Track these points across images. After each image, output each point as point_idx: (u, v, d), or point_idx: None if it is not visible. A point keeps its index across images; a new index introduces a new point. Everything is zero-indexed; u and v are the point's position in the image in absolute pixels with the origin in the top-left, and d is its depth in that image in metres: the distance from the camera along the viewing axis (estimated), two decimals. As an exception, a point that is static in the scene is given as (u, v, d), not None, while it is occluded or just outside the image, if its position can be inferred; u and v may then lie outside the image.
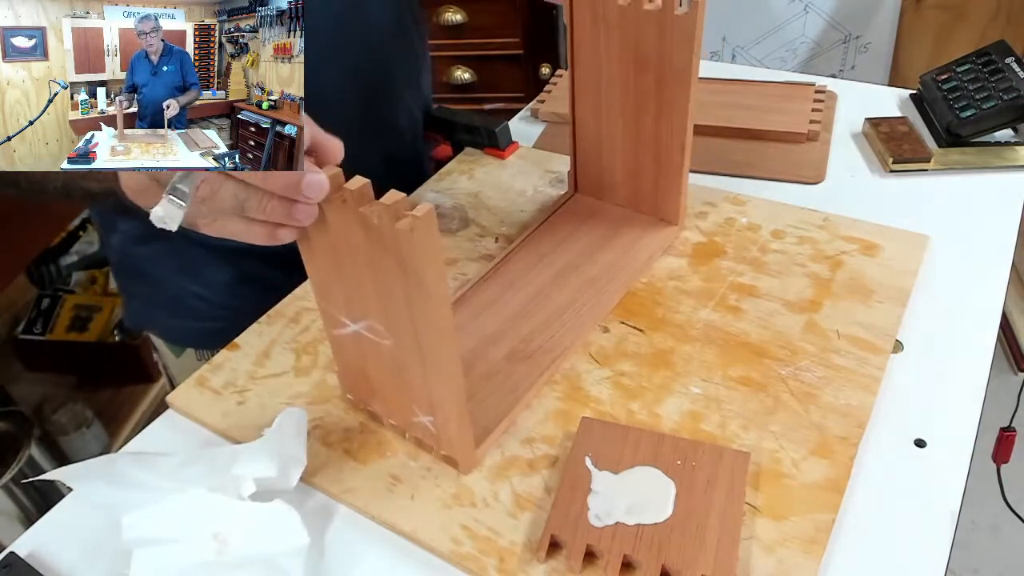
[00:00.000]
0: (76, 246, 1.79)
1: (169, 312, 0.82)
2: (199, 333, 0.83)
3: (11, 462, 1.39)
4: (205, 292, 0.80)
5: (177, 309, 0.81)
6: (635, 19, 0.66)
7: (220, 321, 0.80)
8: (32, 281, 1.74)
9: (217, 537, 0.51)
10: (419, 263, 0.44)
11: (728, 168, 0.88)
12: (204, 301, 0.80)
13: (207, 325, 0.82)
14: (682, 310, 0.69)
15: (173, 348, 0.85)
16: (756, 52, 1.92)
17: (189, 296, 0.81)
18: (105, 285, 1.78)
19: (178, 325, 0.83)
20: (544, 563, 0.51)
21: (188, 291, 0.80)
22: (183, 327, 0.83)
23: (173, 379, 0.89)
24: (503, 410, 0.60)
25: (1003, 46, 0.90)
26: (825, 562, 0.51)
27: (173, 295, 0.81)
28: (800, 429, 0.58)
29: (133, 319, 0.86)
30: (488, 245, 0.79)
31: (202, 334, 0.82)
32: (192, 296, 0.80)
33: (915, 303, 0.68)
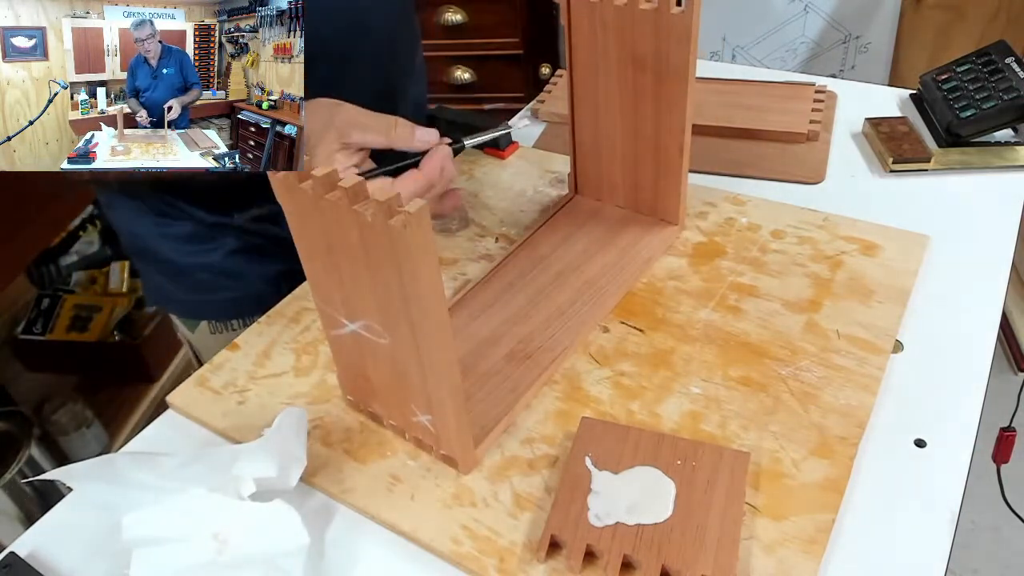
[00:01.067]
0: (76, 246, 1.79)
1: (179, 286, 0.84)
2: (209, 305, 0.84)
3: (11, 462, 1.39)
4: (208, 263, 0.81)
5: (185, 283, 0.83)
6: (632, 19, 0.66)
7: (227, 291, 0.82)
8: (32, 281, 1.74)
9: (217, 537, 0.51)
10: (413, 260, 0.44)
11: (728, 168, 0.88)
12: (208, 272, 0.81)
13: (215, 296, 0.83)
14: (682, 310, 0.69)
15: (188, 322, 0.86)
16: (756, 52, 1.92)
17: (195, 269, 0.82)
18: (105, 285, 1.78)
19: (188, 299, 0.84)
20: (544, 563, 0.51)
21: (192, 264, 0.81)
22: (193, 300, 0.85)
23: (198, 353, 0.90)
24: (503, 410, 0.60)
25: (1003, 46, 0.90)
26: (825, 562, 0.51)
27: (179, 269, 0.82)
28: (800, 429, 0.58)
29: (149, 297, 0.88)
30: (488, 245, 0.79)
31: (212, 306, 0.84)
32: (197, 268, 0.81)
33: (915, 303, 0.68)
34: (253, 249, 0.81)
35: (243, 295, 0.83)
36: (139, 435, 0.64)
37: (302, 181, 0.46)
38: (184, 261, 0.82)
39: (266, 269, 0.81)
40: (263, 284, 0.82)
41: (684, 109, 0.68)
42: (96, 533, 0.55)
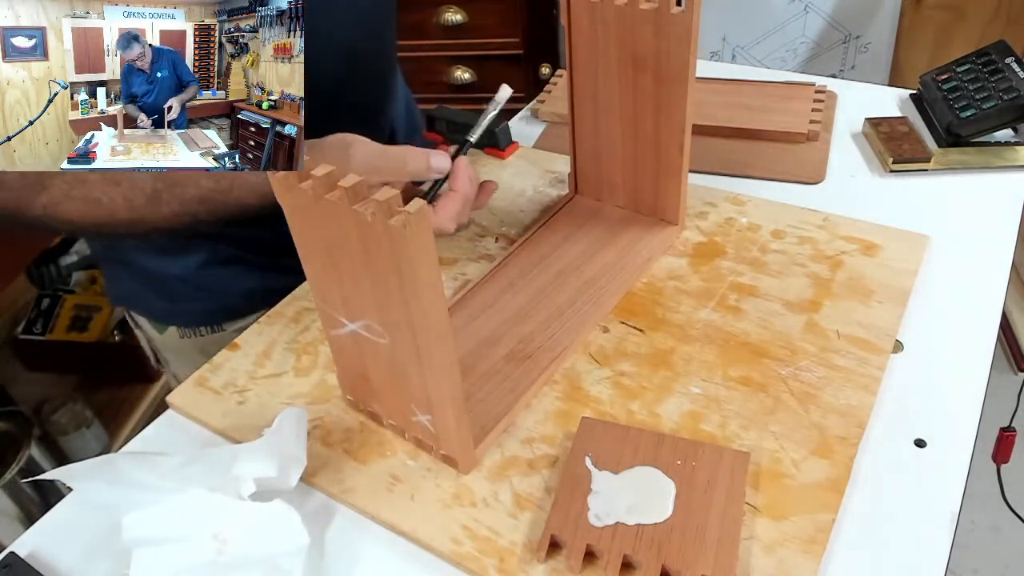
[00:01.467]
0: (76, 246, 1.79)
1: (154, 293, 0.84)
2: (183, 313, 0.84)
3: (11, 462, 1.39)
4: (184, 274, 0.81)
5: (159, 291, 0.83)
6: (632, 18, 0.66)
7: (202, 302, 0.83)
8: (32, 281, 1.74)
9: (217, 537, 0.51)
10: (413, 259, 0.44)
11: (728, 168, 0.88)
12: (184, 283, 0.82)
13: (189, 306, 0.84)
14: (682, 310, 0.69)
15: (156, 325, 0.87)
16: (756, 52, 1.92)
17: (170, 279, 0.82)
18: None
19: (162, 306, 0.85)
20: (544, 563, 0.51)
21: (168, 274, 0.82)
22: (166, 308, 0.85)
23: (157, 352, 0.90)
24: (503, 410, 0.60)
25: (1003, 46, 0.90)
26: (825, 562, 0.51)
27: (153, 277, 0.82)
28: (800, 429, 0.58)
29: (115, 298, 0.88)
30: (488, 245, 0.79)
31: (185, 314, 0.84)
32: (173, 279, 0.82)
33: (915, 303, 0.68)
34: (228, 260, 0.81)
35: (217, 307, 0.83)
36: (139, 435, 0.64)
37: (302, 181, 0.46)
38: (159, 270, 0.82)
39: (243, 284, 0.82)
40: (238, 298, 0.83)
41: (684, 109, 0.68)
42: (96, 533, 0.55)
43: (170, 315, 0.86)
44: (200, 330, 0.85)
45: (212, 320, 0.84)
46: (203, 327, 0.85)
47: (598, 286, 0.71)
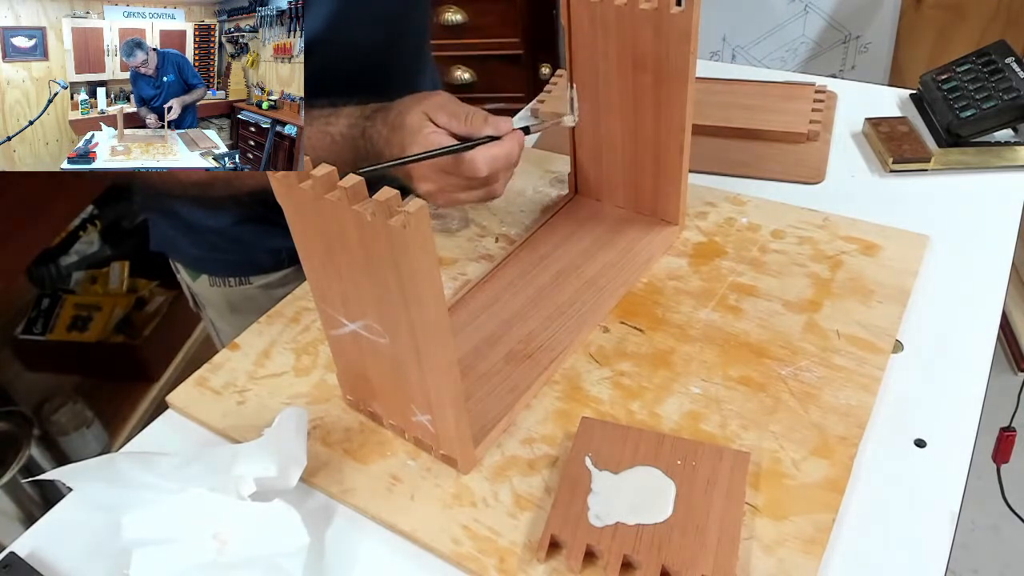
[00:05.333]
0: (76, 246, 1.79)
1: (189, 241, 0.91)
2: (213, 262, 0.92)
3: (11, 462, 1.39)
4: (218, 226, 0.88)
5: (195, 239, 0.91)
6: (631, 19, 0.66)
7: (231, 253, 0.90)
8: (32, 281, 1.74)
9: (217, 537, 0.51)
10: (412, 259, 0.44)
11: (728, 168, 0.88)
12: (217, 234, 0.89)
13: (219, 256, 0.91)
14: (682, 310, 0.69)
15: (191, 272, 0.95)
16: (756, 52, 1.92)
17: (205, 229, 0.89)
18: (105, 285, 1.78)
19: (196, 254, 0.93)
20: (544, 563, 0.51)
21: (204, 224, 0.88)
22: (200, 255, 0.93)
23: (196, 296, 0.98)
24: (503, 410, 0.60)
25: (1003, 46, 0.90)
26: (825, 562, 0.51)
27: (191, 226, 0.89)
28: (800, 429, 0.58)
29: (156, 243, 0.95)
30: (488, 245, 0.79)
31: (216, 263, 0.92)
32: (208, 230, 0.89)
33: (915, 303, 0.68)
34: (258, 219, 0.86)
35: (246, 260, 0.90)
36: (139, 435, 0.64)
37: (302, 181, 0.46)
38: (198, 221, 0.88)
39: (272, 243, 0.87)
40: (266, 255, 0.89)
41: (684, 109, 0.68)
42: (96, 533, 0.55)
43: (202, 263, 0.93)
44: (229, 280, 0.92)
45: (240, 272, 0.91)
46: (231, 278, 0.92)
47: (598, 286, 0.71)
